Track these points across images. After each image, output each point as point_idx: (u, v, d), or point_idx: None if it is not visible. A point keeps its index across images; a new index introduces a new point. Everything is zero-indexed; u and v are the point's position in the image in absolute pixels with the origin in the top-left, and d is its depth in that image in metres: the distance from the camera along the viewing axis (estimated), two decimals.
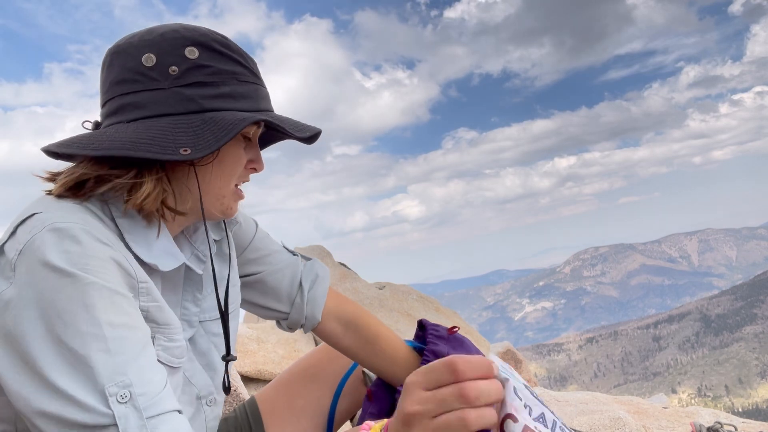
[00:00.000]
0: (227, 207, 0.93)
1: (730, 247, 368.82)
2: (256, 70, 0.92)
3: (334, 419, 1.23)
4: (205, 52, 0.86)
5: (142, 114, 0.82)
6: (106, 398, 0.66)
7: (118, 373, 0.68)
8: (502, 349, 4.66)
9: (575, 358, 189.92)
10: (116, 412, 0.66)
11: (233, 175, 0.91)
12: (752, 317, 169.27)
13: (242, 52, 0.90)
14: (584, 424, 1.89)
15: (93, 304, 0.70)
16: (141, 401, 0.68)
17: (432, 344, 1.11)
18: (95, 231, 0.76)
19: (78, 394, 0.66)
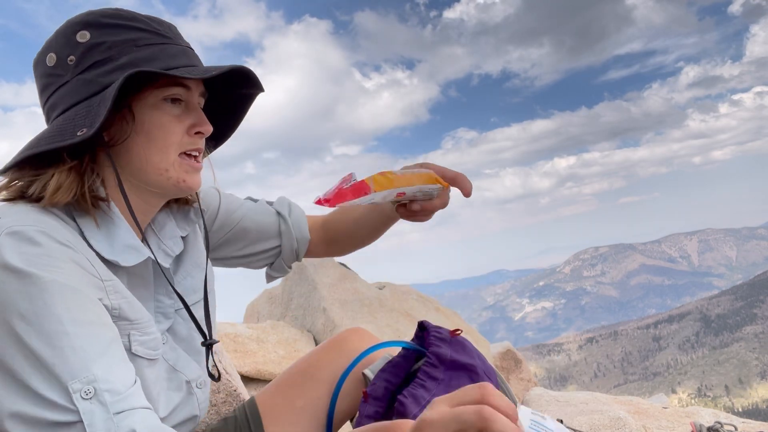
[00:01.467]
0: (178, 180, 0.88)
1: (730, 247, 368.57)
2: (164, 30, 0.88)
3: (333, 419, 1.23)
4: (95, 31, 0.84)
5: (57, 112, 0.83)
6: (70, 395, 0.66)
7: (82, 369, 0.68)
8: (502, 349, 4.66)
9: (575, 358, 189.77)
10: (81, 408, 0.66)
11: (169, 145, 0.87)
12: (752, 317, 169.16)
13: (140, 17, 0.87)
14: (584, 424, 1.89)
15: (54, 302, 0.70)
16: (107, 397, 0.68)
17: (435, 346, 1.09)
18: (53, 232, 0.75)
19: (45, 392, 0.66)
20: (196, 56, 0.91)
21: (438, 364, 1.05)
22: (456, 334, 1.14)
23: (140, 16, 0.88)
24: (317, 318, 3.77)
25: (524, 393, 3.44)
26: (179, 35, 0.91)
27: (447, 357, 1.07)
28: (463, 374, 1.06)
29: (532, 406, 2.28)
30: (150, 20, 0.88)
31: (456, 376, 1.05)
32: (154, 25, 0.88)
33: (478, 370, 1.07)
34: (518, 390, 4.50)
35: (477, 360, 1.10)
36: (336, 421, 1.24)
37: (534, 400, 2.32)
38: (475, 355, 1.13)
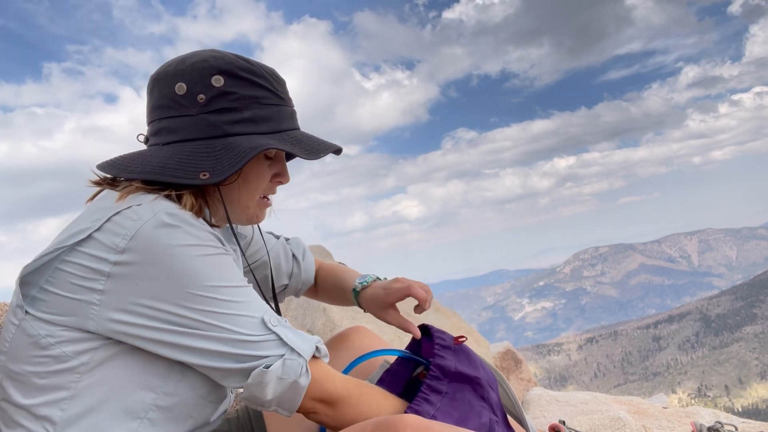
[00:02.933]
0: (253, 215, 1.06)
1: (730, 247, 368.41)
2: (281, 90, 1.01)
3: None
4: (229, 80, 0.95)
5: (174, 138, 0.95)
6: (266, 324, 0.86)
7: (265, 309, 0.89)
8: (502, 349, 4.65)
9: (575, 358, 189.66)
10: (277, 331, 0.87)
11: (257, 190, 1.03)
12: (752, 317, 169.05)
13: (267, 75, 0.99)
14: (584, 424, 1.90)
15: (224, 269, 0.87)
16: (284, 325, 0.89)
17: (438, 357, 1.08)
18: (191, 216, 0.90)
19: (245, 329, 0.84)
20: (296, 117, 1.05)
21: (442, 376, 1.04)
22: (460, 341, 1.13)
23: (266, 73, 0.99)
24: (317, 318, 3.76)
25: (524, 393, 3.56)
26: (288, 93, 1.04)
27: (451, 369, 1.05)
28: (467, 387, 1.05)
29: (532, 406, 2.28)
30: (273, 77, 1.00)
31: (460, 389, 1.04)
32: (274, 83, 1.00)
33: (482, 382, 1.07)
34: (518, 390, 4.49)
35: (481, 370, 1.10)
36: None
37: (534, 400, 2.34)
38: (479, 365, 1.12)
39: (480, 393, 1.05)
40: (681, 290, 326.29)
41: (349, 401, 0.91)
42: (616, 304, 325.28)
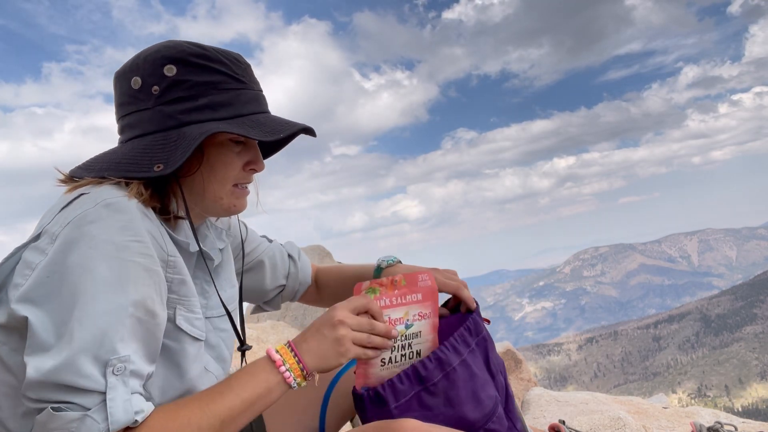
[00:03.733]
0: (228, 205, 1.01)
1: (730, 247, 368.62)
2: (241, 73, 0.97)
3: (325, 418, 1.25)
4: (182, 68, 0.93)
5: (134, 133, 0.95)
6: (105, 367, 0.76)
7: (125, 347, 0.78)
8: (502, 349, 4.65)
9: (575, 358, 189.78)
10: (109, 381, 0.76)
11: (227, 179, 0.98)
12: (752, 317, 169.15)
13: (224, 59, 0.96)
14: (584, 424, 1.90)
15: (129, 280, 0.80)
16: (132, 378, 0.79)
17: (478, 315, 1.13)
18: (138, 206, 0.87)
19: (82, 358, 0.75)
20: (264, 100, 1.01)
21: (475, 333, 1.08)
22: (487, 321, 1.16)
23: (223, 57, 0.96)
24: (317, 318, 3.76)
25: (524, 393, 3.63)
26: (253, 77, 1.00)
27: (483, 332, 1.11)
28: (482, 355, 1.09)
29: (532, 406, 2.29)
30: (231, 62, 0.96)
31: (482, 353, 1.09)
32: (234, 67, 0.96)
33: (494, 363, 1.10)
34: (518, 390, 4.50)
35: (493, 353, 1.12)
36: (336, 422, 1.27)
37: (534, 400, 2.34)
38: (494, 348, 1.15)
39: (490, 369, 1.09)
40: (681, 290, 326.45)
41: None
42: (616, 304, 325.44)
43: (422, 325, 1.04)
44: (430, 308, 1.05)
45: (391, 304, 1.00)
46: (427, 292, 1.05)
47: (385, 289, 1.00)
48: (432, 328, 1.05)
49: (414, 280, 1.04)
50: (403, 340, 1.01)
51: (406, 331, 1.01)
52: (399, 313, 1.01)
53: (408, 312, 1.02)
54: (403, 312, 1.01)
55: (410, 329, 1.02)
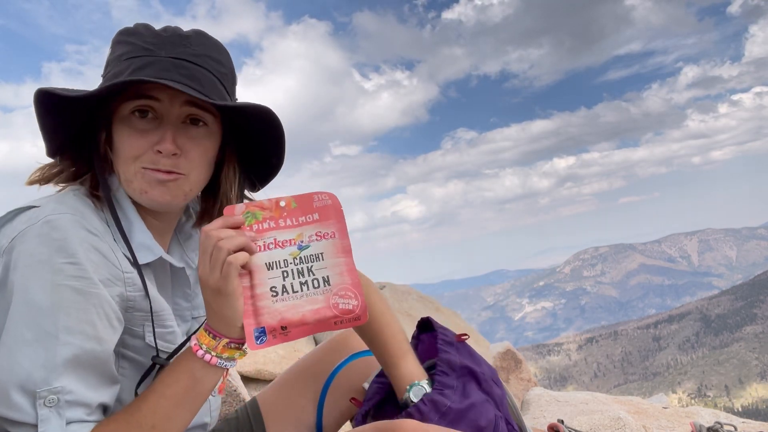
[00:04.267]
0: (140, 190, 0.90)
1: (730, 247, 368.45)
2: (153, 42, 0.88)
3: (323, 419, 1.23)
4: (112, 48, 0.91)
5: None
6: (35, 399, 0.73)
7: (55, 378, 0.74)
8: (502, 349, 4.66)
9: (575, 358, 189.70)
10: (40, 414, 0.73)
11: (127, 157, 0.89)
12: (752, 317, 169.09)
13: (142, 32, 0.89)
14: (584, 424, 1.89)
15: (60, 305, 0.76)
16: (67, 408, 0.75)
17: (443, 352, 1.06)
18: (85, 220, 0.82)
19: (11, 388, 0.73)
20: (178, 66, 0.87)
21: (449, 371, 1.03)
22: (462, 339, 1.12)
23: (143, 30, 0.89)
24: None
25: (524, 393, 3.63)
26: (175, 45, 0.89)
27: (457, 363, 1.05)
28: (472, 381, 1.04)
29: (532, 405, 2.29)
30: (150, 33, 0.89)
31: (468, 382, 1.03)
32: (149, 37, 0.88)
33: (485, 377, 1.06)
34: (518, 390, 4.50)
35: (484, 367, 1.09)
36: (336, 422, 1.25)
37: (534, 400, 2.34)
38: (482, 362, 1.11)
39: (484, 388, 1.04)
40: (681, 290, 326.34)
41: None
42: (616, 304, 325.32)
43: (323, 245, 0.87)
44: (333, 227, 0.88)
45: (278, 226, 0.86)
46: (326, 211, 0.88)
47: (269, 212, 0.86)
48: (340, 250, 0.88)
49: (308, 201, 0.88)
50: (298, 263, 0.85)
51: (299, 252, 0.86)
52: (289, 234, 0.86)
53: (302, 233, 0.87)
54: (294, 233, 0.87)
55: (306, 251, 0.86)
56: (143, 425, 0.80)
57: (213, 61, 0.92)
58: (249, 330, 0.83)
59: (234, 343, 0.84)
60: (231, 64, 0.97)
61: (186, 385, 0.83)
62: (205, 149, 0.93)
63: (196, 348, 0.83)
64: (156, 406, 0.81)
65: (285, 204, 0.87)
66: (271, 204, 0.87)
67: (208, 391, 0.85)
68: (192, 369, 0.83)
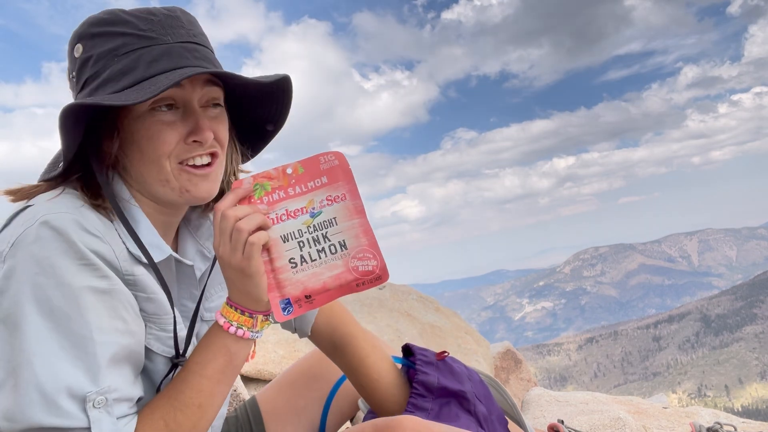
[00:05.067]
0: (181, 190, 0.86)
1: (730, 247, 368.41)
2: (149, 28, 0.82)
3: (326, 421, 1.23)
4: (86, 43, 0.82)
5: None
6: (84, 403, 0.72)
7: (100, 378, 0.74)
8: (502, 349, 4.65)
9: (575, 358, 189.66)
10: (92, 416, 0.73)
11: (160, 157, 0.84)
12: (752, 317, 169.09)
13: (128, 18, 0.82)
14: (584, 424, 1.89)
15: (87, 307, 0.74)
16: (116, 406, 0.76)
17: (422, 373, 1.06)
18: (84, 221, 0.77)
19: (58, 396, 0.71)
20: (188, 51, 0.84)
21: (426, 393, 1.03)
22: (442, 357, 1.10)
23: (127, 17, 0.82)
24: None
25: (524, 393, 3.63)
26: (173, 27, 0.84)
27: (435, 384, 1.04)
28: (452, 401, 1.03)
29: (532, 406, 2.28)
30: (138, 18, 0.82)
31: (446, 404, 1.02)
32: (140, 24, 0.82)
33: (467, 395, 1.05)
34: (518, 390, 4.50)
35: (467, 384, 1.07)
36: (336, 422, 1.24)
37: (534, 400, 2.33)
38: (465, 378, 1.09)
39: (466, 407, 1.03)
40: (681, 290, 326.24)
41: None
42: (616, 304, 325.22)
43: (335, 209, 0.86)
44: (343, 189, 0.86)
45: (287, 195, 0.85)
46: (334, 173, 0.87)
47: (277, 182, 0.85)
48: (353, 211, 0.86)
49: (314, 164, 0.86)
50: (313, 231, 0.85)
51: (312, 220, 0.85)
52: (300, 202, 0.86)
53: (313, 199, 0.86)
54: (305, 201, 0.86)
55: (318, 217, 0.85)
56: (190, 405, 0.82)
57: (204, 36, 0.89)
58: (275, 303, 0.84)
59: (262, 315, 0.86)
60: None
61: (224, 361, 0.84)
62: (226, 128, 0.91)
63: (227, 325, 0.84)
64: (199, 386, 0.83)
65: (292, 171, 0.86)
66: (278, 173, 0.85)
67: (242, 363, 0.88)
68: (227, 345, 0.84)
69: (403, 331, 4.32)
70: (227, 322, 0.84)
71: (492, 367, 4.37)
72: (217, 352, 0.84)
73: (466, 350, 4.25)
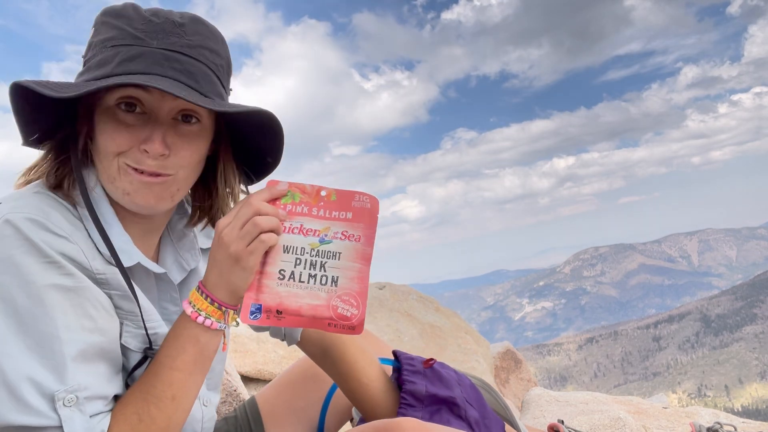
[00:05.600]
0: (123, 189, 0.83)
1: (730, 247, 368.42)
2: (142, 29, 0.81)
3: (325, 423, 1.23)
4: (96, 29, 0.84)
5: None
6: (54, 402, 0.71)
7: (69, 377, 0.73)
8: (502, 349, 4.66)
9: (575, 358, 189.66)
10: (62, 415, 0.72)
11: (109, 152, 0.82)
12: (752, 317, 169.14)
13: (130, 14, 0.82)
14: (584, 424, 1.89)
15: (53, 305, 0.73)
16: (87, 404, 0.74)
17: (409, 383, 1.05)
18: (49, 221, 0.76)
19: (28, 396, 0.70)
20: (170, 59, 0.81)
21: (415, 402, 1.02)
22: (430, 364, 1.10)
23: (132, 13, 0.82)
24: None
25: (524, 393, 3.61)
26: (167, 33, 0.82)
27: (423, 393, 1.03)
28: (443, 408, 1.03)
29: (532, 406, 2.29)
30: (140, 17, 0.82)
31: (436, 411, 1.02)
32: (139, 23, 0.81)
33: (457, 401, 1.05)
34: (518, 390, 4.50)
35: (456, 389, 1.07)
36: (336, 422, 1.24)
37: (534, 400, 2.34)
38: (454, 384, 1.08)
39: (457, 412, 1.03)
40: (681, 290, 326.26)
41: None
42: (616, 304, 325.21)
43: (344, 246, 0.86)
44: (361, 231, 0.86)
45: (309, 213, 0.86)
46: (361, 214, 0.86)
47: (307, 197, 0.86)
48: (360, 256, 0.86)
49: (348, 198, 0.87)
50: (314, 255, 0.85)
51: (319, 245, 0.85)
52: (317, 224, 0.86)
53: (329, 227, 0.86)
54: (322, 225, 0.86)
55: (326, 245, 0.85)
56: (163, 398, 0.80)
57: (209, 51, 0.85)
58: (247, 303, 0.83)
59: (232, 311, 0.84)
60: (227, 53, 0.90)
61: (194, 352, 0.83)
62: (197, 147, 0.87)
63: (195, 315, 0.82)
64: (171, 379, 0.81)
65: (326, 194, 0.86)
66: (312, 190, 0.86)
67: (214, 353, 0.86)
68: (196, 336, 0.82)
69: (403, 331, 4.33)
70: (195, 311, 0.82)
71: (492, 367, 4.38)
72: (186, 343, 0.82)
73: (466, 350, 4.26)
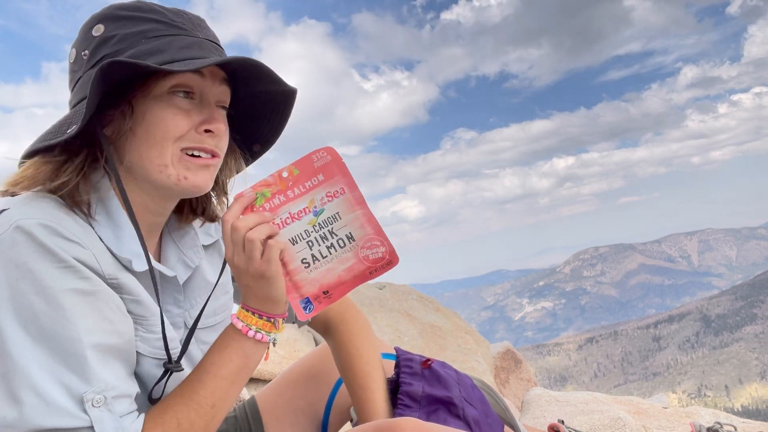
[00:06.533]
0: (178, 177, 0.84)
1: (730, 247, 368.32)
2: (179, 21, 0.84)
3: (328, 421, 1.23)
4: (110, 24, 0.83)
5: (70, 108, 0.85)
6: (83, 403, 0.72)
7: (95, 378, 0.74)
8: (502, 349, 4.66)
9: (575, 358, 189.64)
10: (92, 416, 0.72)
11: (167, 138, 0.82)
12: (752, 317, 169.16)
13: (158, 8, 0.84)
14: (584, 424, 1.89)
15: (72, 310, 0.73)
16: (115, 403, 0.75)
17: (406, 384, 1.06)
18: (60, 226, 0.76)
19: (57, 398, 0.71)
20: (216, 49, 0.86)
21: (411, 403, 1.03)
22: (428, 365, 1.10)
23: (160, 8, 0.84)
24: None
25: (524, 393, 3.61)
26: (202, 27, 0.87)
27: (419, 394, 1.04)
28: (441, 408, 1.03)
29: (532, 406, 2.29)
30: (170, 12, 0.85)
31: (433, 411, 1.03)
32: (172, 16, 0.84)
33: (455, 400, 1.05)
34: (518, 390, 4.50)
35: (455, 389, 1.07)
36: (336, 422, 1.24)
37: (534, 400, 2.34)
38: (452, 383, 1.09)
39: (455, 412, 1.04)
40: (681, 290, 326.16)
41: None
42: (616, 304, 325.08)
43: (337, 204, 0.88)
44: (340, 183, 0.88)
45: (288, 198, 0.87)
46: (329, 168, 0.88)
47: (275, 187, 0.87)
48: (354, 203, 0.89)
49: (308, 164, 0.88)
50: (319, 229, 0.88)
51: (316, 219, 0.87)
52: (301, 203, 0.87)
53: (313, 198, 0.88)
54: (306, 201, 0.87)
55: (322, 215, 0.88)
56: (203, 405, 0.82)
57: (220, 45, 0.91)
58: (295, 303, 0.87)
59: (281, 318, 0.88)
60: None
61: (239, 363, 0.86)
62: (228, 131, 0.92)
63: (246, 329, 0.86)
64: (214, 387, 0.84)
65: (288, 174, 0.87)
66: (274, 178, 0.87)
67: (256, 365, 0.89)
68: (243, 348, 0.86)
69: (403, 331, 4.32)
70: (246, 326, 0.86)
71: (492, 367, 4.38)
72: (233, 355, 0.86)
73: (466, 350, 4.26)
